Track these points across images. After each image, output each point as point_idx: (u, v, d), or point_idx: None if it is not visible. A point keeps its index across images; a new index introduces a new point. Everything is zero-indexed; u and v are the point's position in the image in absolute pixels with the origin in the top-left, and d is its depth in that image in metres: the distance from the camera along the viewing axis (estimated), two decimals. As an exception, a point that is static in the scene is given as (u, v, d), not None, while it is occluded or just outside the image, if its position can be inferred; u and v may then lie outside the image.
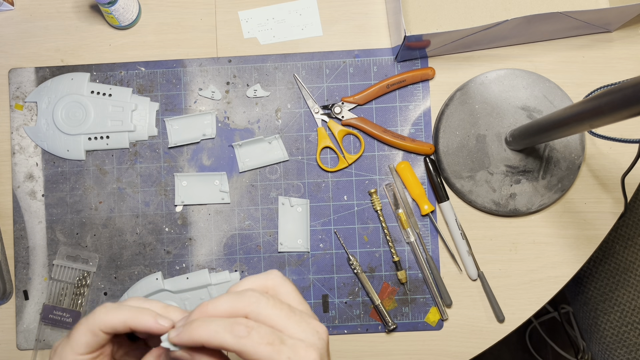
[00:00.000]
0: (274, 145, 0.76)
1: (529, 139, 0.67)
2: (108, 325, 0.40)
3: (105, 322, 0.40)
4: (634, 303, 0.95)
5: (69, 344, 0.41)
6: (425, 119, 0.77)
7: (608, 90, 0.48)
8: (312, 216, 0.76)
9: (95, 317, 0.41)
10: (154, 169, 0.76)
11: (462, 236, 0.75)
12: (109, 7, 0.71)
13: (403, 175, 0.75)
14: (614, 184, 0.76)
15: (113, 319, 0.40)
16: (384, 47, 0.77)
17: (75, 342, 0.41)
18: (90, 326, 0.40)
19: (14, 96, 0.77)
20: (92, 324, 0.40)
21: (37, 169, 0.76)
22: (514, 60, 0.77)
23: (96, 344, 0.41)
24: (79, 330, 0.41)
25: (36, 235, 0.76)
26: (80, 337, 0.41)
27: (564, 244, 0.76)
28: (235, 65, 0.77)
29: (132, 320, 0.40)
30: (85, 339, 0.41)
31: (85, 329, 0.41)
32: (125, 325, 0.40)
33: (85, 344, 0.41)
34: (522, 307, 0.76)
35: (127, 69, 0.77)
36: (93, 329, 0.40)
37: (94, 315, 0.41)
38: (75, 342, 0.41)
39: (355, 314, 0.75)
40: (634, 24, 0.77)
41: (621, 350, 0.96)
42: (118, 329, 0.41)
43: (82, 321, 0.41)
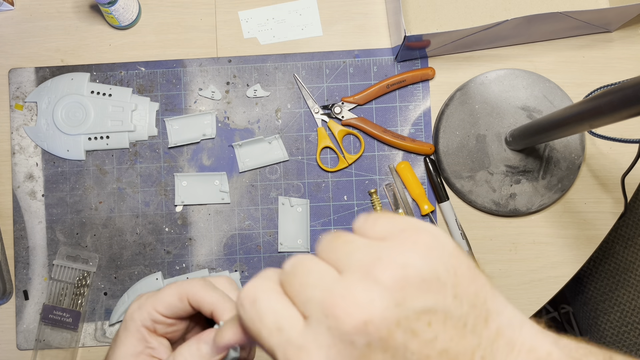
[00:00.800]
0: (274, 145, 0.76)
1: (529, 139, 0.67)
2: (197, 299, 0.39)
3: (196, 294, 0.39)
4: (634, 303, 0.95)
5: (152, 298, 0.40)
6: (425, 119, 0.77)
7: (608, 90, 0.47)
8: (312, 216, 0.76)
9: (189, 285, 0.40)
10: (154, 169, 0.76)
11: (462, 236, 0.74)
12: (109, 7, 0.71)
13: (403, 175, 0.75)
14: (614, 184, 0.76)
15: (204, 296, 0.39)
16: (384, 47, 0.77)
17: (159, 299, 0.40)
18: (181, 291, 0.40)
19: (14, 96, 0.77)
20: (183, 290, 0.40)
21: (37, 169, 0.76)
22: (514, 60, 0.77)
23: (178, 310, 0.40)
24: (169, 289, 0.40)
25: (36, 235, 0.76)
26: (166, 296, 0.40)
27: (564, 244, 0.76)
28: (235, 65, 0.77)
29: (219, 309, 0.39)
30: (170, 299, 0.40)
31: (175, 291, 0.40)
32: (210, 309, 0.39)
33: (168, 304, 0.40)
34: (522, 307, 0.75)
35: (127, 69, 0.77)
36: (182, 294, 0.39)
37: (189, 283, 0.40)
38: (159, 298, 0.40)
39: (355, 314, 0.75)
40: (634, 24, 0.77)
41: (621, 351, 0.96)
42: (203, 308, 0.39)
43: (175, 284, 0.40)
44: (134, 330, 0.40)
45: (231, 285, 0.42)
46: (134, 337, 0.40)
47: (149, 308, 0.40)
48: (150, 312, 0.40)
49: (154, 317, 0.40)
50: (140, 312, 0.40)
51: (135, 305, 0.41)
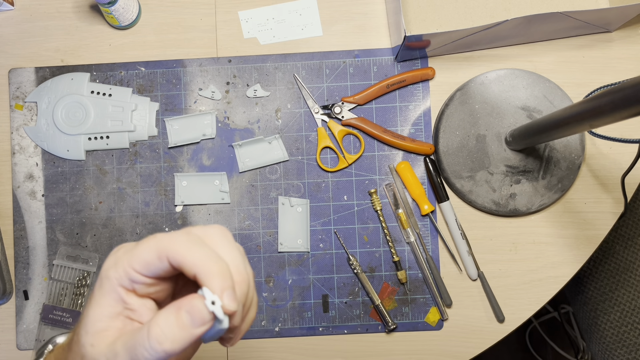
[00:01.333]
0: (274, 145, 0.76)
1: (529, 139, 0.67)
2: (177, 259, 0.33)
3: (176, 253, 0.33)
4: (634, 303, 0.95)
5: (130, 252, 0.34)
6: (425, 119, 0.77)
7: (608, 90, 0.48)
8: (312, 216, 0.76)
9: (169, 241, 0.33)
10: (154, 169, 0.76)
11: (462, 236, 0.74)
12: (109, 7, 0.71)
13: (403, 175, 0.75)
14: (614, 184, 0.76)
15: (185, 256, 0.33)
16: (384, 47, 0.77)
17: (136, 255, 0.34)
18: (159, 248, 0.33)
19: (14, 96, 0.77)
20: (162, 246, 0.33)
21: (37, 169, 0.76)
22: (514, 60, 0.77)
23: (157, 269, 0.34)
24: (146, 244, 0.34)
25: (36, 235, 0.76)
26: (143, 252, 0.34)
27: (564, 244, 0.76)
28: (235, 65, 0.77)
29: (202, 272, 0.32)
30: (147, 256, 0.33)
31: (153, 247, 0.33)
32: (192, 272, 0.33)
33: (145, 262, 0.34)
34: (522, 307, 0.75)
35: (127, 69, 0.77)
36: (160, 252, 0.33)
37: (173, 239, 0.33)
38: (136, 255, 0.34)
39: (355, 314, 0.75)
40: (634, 24, 0.77)
41: (621, 350, 0.96)
42: (185, 270, 0.33)
43: (155, 237, 0.34)
44: (109, 290, 0.34)
45: (223, 237, 0.36)
46: (110, 297, 0.34)
47: (126, 265, 0.34)
48: (127, 270, 0.34)
49: (132, 276, 0.34)
50: (116, 270, 0.34)
51: (112, 261, 0.35)
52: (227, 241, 0.36)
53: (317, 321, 0.75)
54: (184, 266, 0.33)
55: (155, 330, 0.31)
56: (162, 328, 0.31)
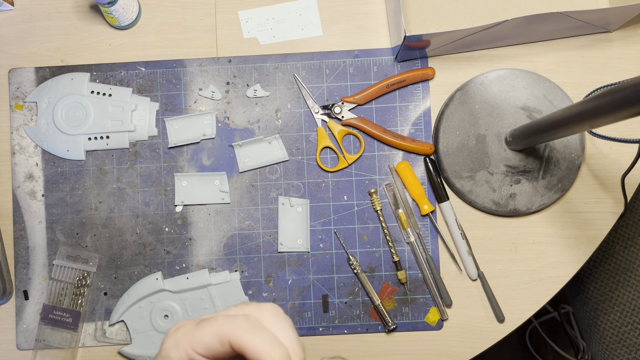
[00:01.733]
0: (274, 145, 0.76)
1: (529, 139, 0.67)
2: (239, 345, 0.35)
3: (240, 340, 0.35)
4: (634, 303, 0.95)
5: (192, 334, 0.37)
6: (425, 119, 0.77)
7: (608, 90, 0.48)
8: (312, 216, 0.76)
9: (234, 327, 0.36)
10: (154, 169, 0.76)
11: (462, 236, 0.74)
12: (109, 7, 0.71)
13: (403, 175, 0.75)
14: (614, 184, 0.76)
15: (249, 344, 0.35)
16: (384, 47, 0.77)
17: (198, 339, 0.36)
18: (223, 333, 0.36)
19: (14, 96, 0.77)
20: (227, 332, 0.36)
21: (37, 169, 0.76)
22: (514, 60, 0.77)
23: (217, 352, 0.36)
24: (209, 330, 0.36)
25: (36, 235, 0.76)
26: (206, 337, 0.36)
27: (564, 244, 0.76)
28: (235, 65, 0.77)
29: (267, 355, 0.35)
30: (210, 341, 0.36)
31: (215, 332, 0.36)
32: (255, 356, 0.35)
33: (207, 346, 0.36)
34: (522, 307, 0.76)
35: (127, 69, 0.77)
36: (223, 337, 0.36)
37: (234, 325, 0.36)
38: (198, 339, 0.36)
39: (355, 314, 0.75)
40: (634, 24, 0.77)
41: (621, 350, 0.96)
42: (248, 356, 0.35)
43: (219, 320, 0.36)
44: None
45: (277, 317, 0.38)
46: None
47: (187, 347, 0.37)
48: (189, 351, 0.37)
49: (193, 357, 0.37)
50: (178, 351, 0.37)
51: (172, 342, 0.38)
52: (281, 321, 0.38)
53: (317, 321, 0.75)
54: (246, 352, 0.35)
55: None
56: None
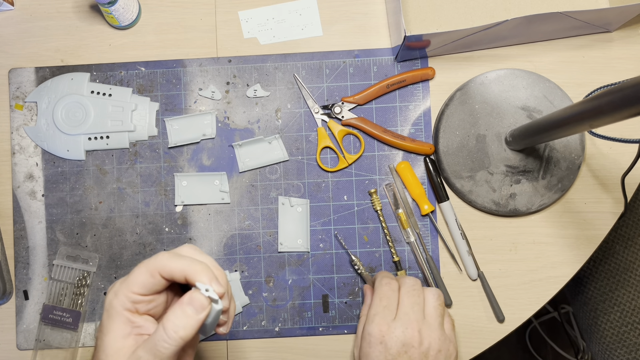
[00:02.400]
0: (274, 145, 0.76)
1: (529, 139, 0.67)
2: (167, 271, 0.42)
3: (165, 266, 0.42)
4: (634, 303, 0.95)
5: (126, 280, 0.43)
6: (425, 119, 0.77)
7: (608, 90, 0.48)
8: (312, 216, 0.76)
9: (156, 260, 0.42)
10: (154, 169, 0.76)
11: (462, 236, 0.75)
12: (109, 7, 0.71)
13: (403, 175, 0.75)
14: (614, 184, 0.76)
15: (172, 266, 0.42)
16: (384, 47, 0.77)
17: (132, 281, 0.43)
18: (150, 268, 0.42)
19: (14, 96, 0.77)
20: (152, 266, 0.42)
21: (37, 169, 0.76)
22: (514, 60, 0.77)
23: (152, 285, 0.42)
24: (138, 270, 0.43)
25: (36, 235, 0.76)
26: (137, 276, 0.42)
27: (564, 244, 0.76)
28: (235, 65, 0.77)
29: (190, 272, 0.41)
30: (142, 278, 0.42)
31: (144, 269, 0.42)
32: (182, 275, 0.42)
33: (142, 283, 0.42)
34: (522, 307, 0.76)
35: (127, 69, 0.77)
36: (152, 270, 0.42)
37: (155, 258, 0.43)
38: (132, 280, 0.43)
39: (355, 314, 0.75)
40: (634, 24, 0.77)
41: (621, 350, 0.96)
42: (175, 277, 0.42)
43: (143, 262, 0.43)
44: (117, 316, 0.42)
45: (195, 250, 0.45)
46: (119, 321, 0.42)
47: (126, 291, 0.42)
48: (128, 294, 0.42)
49: (133, 299, 0.42)
50: (118, 298, 0.42)
51: (112, 293, 0.43)
52: (198, 251, 0.45)
53: (317, 321, 0.75)
54: (174, 274, 0.42)
55: (169, 325, 0.40)
56: (173, 322, 0.40)
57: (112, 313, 0.43)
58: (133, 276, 0.43)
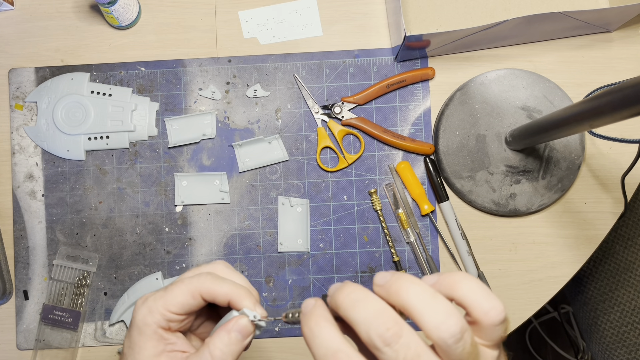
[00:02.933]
0: (274, 145, 0.76)
1: (529, 139, 0.67)
2: (210, 294, 0.40)
3: (209, 289, 0.40)
4: (634, 303, 0.95)
5: (163, 298, 0.40)
6: (425, 119, 0.77)
7: (608, 90, 0.48)
8: (312, 216, 0.76)
9: (201, 281, 0.40)
10: (154, 169, 0.76)
11: (462, 236, 0.74)
12: (109, 7, 0.71)
13: (403, 175, 0.75)
14: (614, 184, 0.76)
15: (217, 290, 0.40)
16: (384, 47, 0.77)
17: (170, 300, 0.40)
18: (193, 288, 0.40)
19: (14, 96, 0.77)
20: (196, 287, 0.40)
21: (37, 169, 0.76)
22: (514, 60, 0.77)
23: (192, 307, 0.41)
24: (180, 288, 0.40)
25: (36, 235, 0.76)
26: (177, 296, 0.40)
27: (564, 244, 0.76)
28: (235, 65, 0.77)
29: (235, 297, 0.40)
30: (182, 298, 0.40)
31: (186, 289, 0.40)
32: (226, 300, 0.40)
33: (181, 304, 0.40)
34: (522, 307, 0.75)
35: (127, 69, 0.77)
36: (194, 292, 0.40)
37: (200, 279, 0.40)
38: (171, 299, 0.40)
39: (355, 314, 0.75)
40: (634, 24, 0.77)
41: (621, 350, 0.96)
42: (218, 300, 0.40)
43: (185, 281, 0.40)
44: (150, 333, 0.41)
45: (229, 269, 0.43)
46: (153, 339, 0.41)
47: (162, 309, 0.40)
48: (164, 313, 0.40)
49: (169, 317, 0.41)
50: (153, 315, 0.41)
51: (146, 310, 0.41)
52: (232, 270, 0.43)
53: (317, 321, 0.75)
54: (217, 298, 0.40)
55: (217, 351, 0.39)
56: (220, 348, 0.39)
57: (146, 330, 0.41)
58: (172, 295, 0.40)
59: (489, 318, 0.31)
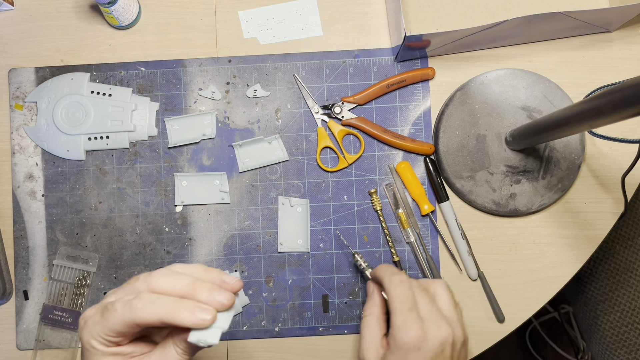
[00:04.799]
0: (274, 145, 0.76)
1: (529, 139, 0.67)
2: (144, 322, 0.41)
3: (143, 318, 0.41)
4: (634, 303, 0.95)
5: (101, 324, 0.42)
6: (425, 119, 0.77)
7: (608, 90, 0.48)
8: (312, 216, 0.76)
9: (134, 311, 0.41)
10: (154, 169, 0.76)
11: (462, 236, 0.74)
12: (109, 7, 0.71)
13: (403, 175, 0.75)
14: (614, 184, 0.76)
15: (150, 316, 0.41)
16: (384, 47, 0.77)
17: (108, 326, 0.42)
18: (127, 320, 0.41)
19: (14, 96, 0.77)
20: (130, 318, 0.41)
21: (37, 169, 0.76)
22: (514, 60, 0.77)
23: (128, 334, 0.42)
24: (114, 317, 0.41)
25: (36, 235, 0.76)
26: (114, 324, 0.42)
27: (564, 244, 0.76)
28: (235, 65, 0.77)
29: (170, 317, 0.40)
30: (119, 327, 0.41)
31: (121, 320, 0.41)
32: (162, 322, 0.41)
33: (118, 332, 0.42)
34: (522, 307, 0.76)
35: (127, 69, 0.77)
36: (130, 323, 0.41)
37: (133, 309, 0.41)
38: (108, 325, 0.42)
39: (355, 314, 0.75)
40: (634, 24, 0.77)
41: (621, 350, 0.96)
42: (153, 325, 0.41)
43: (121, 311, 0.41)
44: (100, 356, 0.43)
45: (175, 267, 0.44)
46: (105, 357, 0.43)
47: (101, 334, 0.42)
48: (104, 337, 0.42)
49: (111, 340, 0.42)
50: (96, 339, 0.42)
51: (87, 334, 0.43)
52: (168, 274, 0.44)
53: (317, 321, 0.75)
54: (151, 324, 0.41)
55: None
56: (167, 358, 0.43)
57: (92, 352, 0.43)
58: (108, 323, 0.42)
59: None
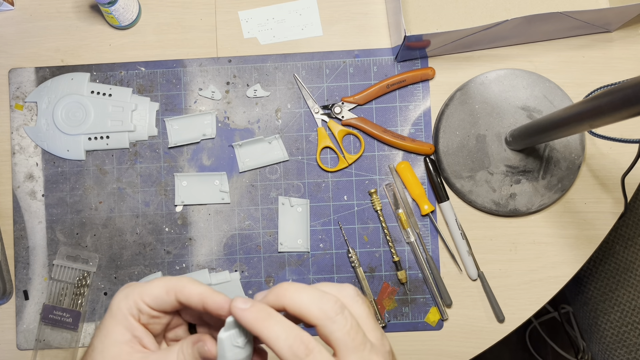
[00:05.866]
0: (274, 145, 0.76)
1: (529, 139, 0.67)
2: (185, 293, 0.40)
3: (185, 289, 0.40)
4: (634, 303, 0.95)
5: (141, 287, 0.41)
6: (425, 119, 0.77)
7: (608, 90, 0.48)
8: (312, 216, 0.76)
9: (178, 280, 0.41)
10: (154, 169, 0.76)
11: (462, 236, 0.74)
12: (109, 7, 0.71)
13: (403, 175, 0.75)
14: (614, 184, 0.76)
15: (192, 289, 0.40)
16: (384, 47, 0.77)
17: (146, 291, 0.41)
18: (169, 286, 0.40)
19: (14, 96, 0.77)
20: (172, 284, 0.40)
21: (37, 169, 0.76)
22: (514, 60, 0.77)
23: (164, 304, 0.41)
24: (157, 283, 0.41)
25: (36, 235, 0.76)
26: (154, 289, 0.41)
27: (564, 244, 0.76)
28: (235, 65, 0.77)
29: (208, 297, 0.40)
30: (157, 292, 0.41)
31: (162, 284, 0.41)
32: (200, 300, 0.40)
33: (155, 297, 0.41)
34: (522, 307, 0.75)
35: (127, 69, 0.77)
36: (170, 289, 0.40)
37: (179, 279, 0.41)
38: (146, 290, 0.41)
39: (355, 314, 0.75)
40: (634, 24, 0.77)
41: (621, 350, 0.96)
42: (192, 302, 0.40)
43: (165, 278, 0.41)
44: (121, 318, 0.41)
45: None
46: (122, 325, 0.41)
47: (136, 297, 0.41)
48: (137, 301, 0.41)
49: (140, 307, 0.41)
50: (127, 301, 0.41)
51: (122, 295, 0.41)
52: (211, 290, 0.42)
53: (317, 321, 0.75)
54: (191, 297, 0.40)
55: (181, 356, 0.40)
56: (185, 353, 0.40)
57: (117, 314, 0.41)
58: (149, 286, 0.41)
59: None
